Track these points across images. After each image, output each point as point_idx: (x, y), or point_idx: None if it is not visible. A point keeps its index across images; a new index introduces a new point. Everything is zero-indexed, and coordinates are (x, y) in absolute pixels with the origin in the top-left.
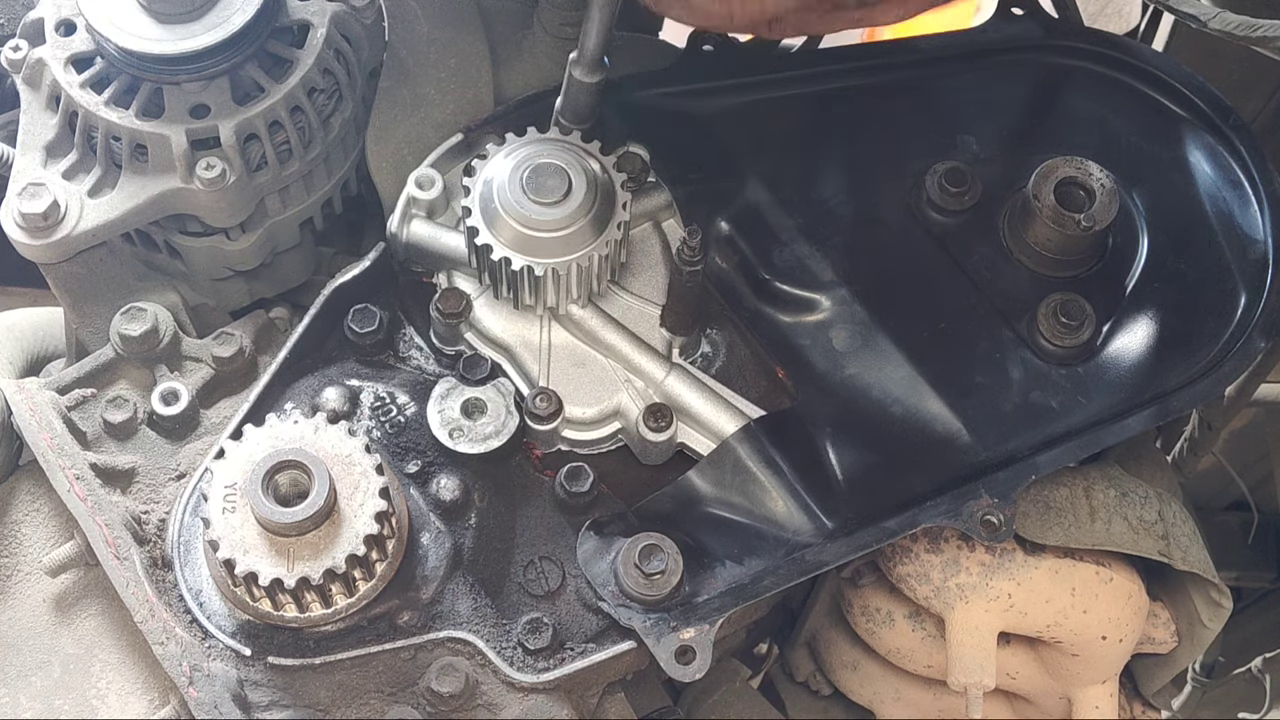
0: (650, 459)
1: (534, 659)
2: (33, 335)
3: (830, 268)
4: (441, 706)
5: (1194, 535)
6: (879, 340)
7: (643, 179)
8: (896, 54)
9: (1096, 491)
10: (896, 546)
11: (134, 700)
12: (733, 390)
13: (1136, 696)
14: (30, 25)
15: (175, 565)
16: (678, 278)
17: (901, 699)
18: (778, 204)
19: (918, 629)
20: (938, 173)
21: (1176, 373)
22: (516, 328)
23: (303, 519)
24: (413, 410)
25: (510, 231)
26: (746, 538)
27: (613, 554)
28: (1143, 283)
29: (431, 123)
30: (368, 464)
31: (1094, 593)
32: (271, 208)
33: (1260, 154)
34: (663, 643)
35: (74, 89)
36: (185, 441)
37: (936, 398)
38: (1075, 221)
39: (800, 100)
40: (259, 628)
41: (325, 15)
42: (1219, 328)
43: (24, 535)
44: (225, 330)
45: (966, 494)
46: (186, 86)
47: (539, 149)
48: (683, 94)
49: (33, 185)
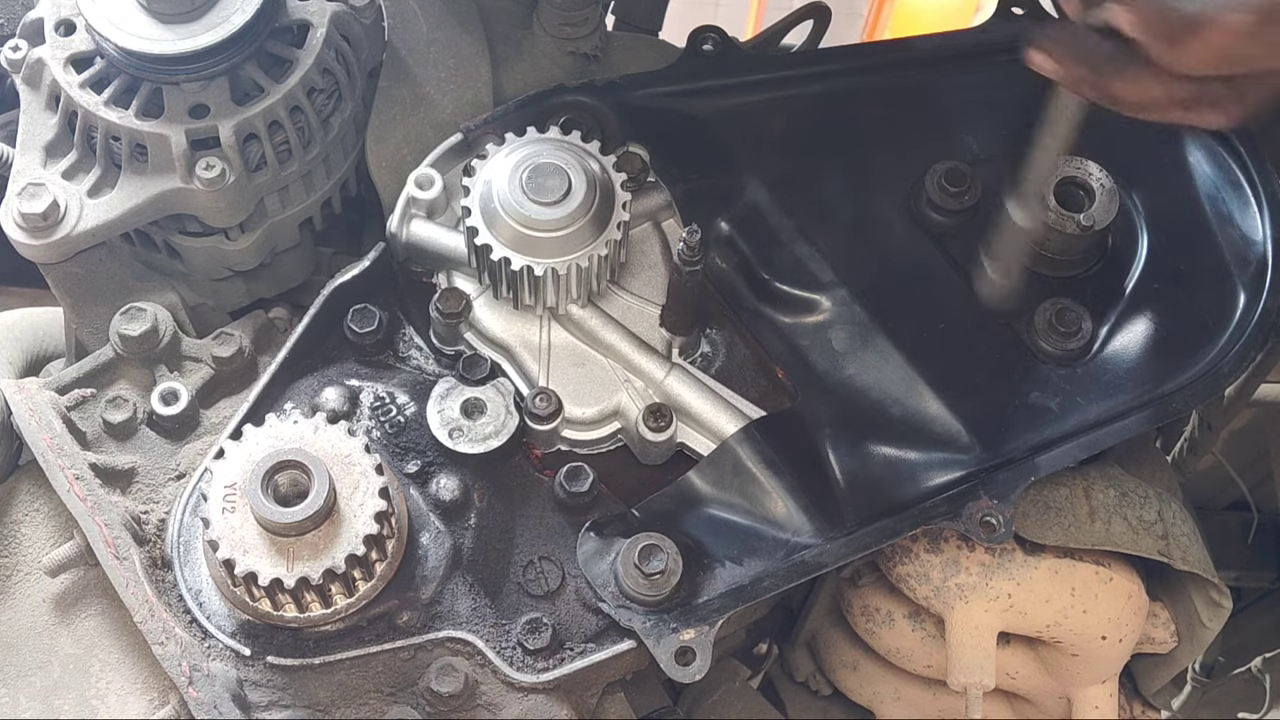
0: (650, 459)
1: (534, 659)
2: (32, 335)
3: (830, 268)
4: (441, 706)
5: (1194, 535)
6: (879, 340)
7: (642, 179)
8: (896, 54)
9: (1096, 491)
10: (896, 546)
11: (134, 700)
12: (733, 390)
13: (1136, 696)
14: (30, 25)
15: (175, 565)
16: (677, 278)
17: (901, 699)
18: (778, 204)
19: (918, 629)
20: (938, 173)
21: (1176, 373)
22: (516, 328)
23: (302, 519)
24: (412, 410)
25: (510, 231)
26: (746, 538)
27: (613, 554)
28: (1142, 283)
29: (431, 123)
30: (367, 464)
31: (1094, 593)
32: (271, 208)
33: (1260, 154)
34: (662, 643)
35: (74, 89)
36: (185, 441)
37: (936, 398)
38: (1075, 221)
39: (800, 100)
40: (258, 628)
41: (325, 15)
42: (1219, 328)
43: (24, 535)
44: (225, 330)
45: (966, 495)
46: (186, 86)
47: (539, 149)
48: (683, 94)
49: (32, 185)
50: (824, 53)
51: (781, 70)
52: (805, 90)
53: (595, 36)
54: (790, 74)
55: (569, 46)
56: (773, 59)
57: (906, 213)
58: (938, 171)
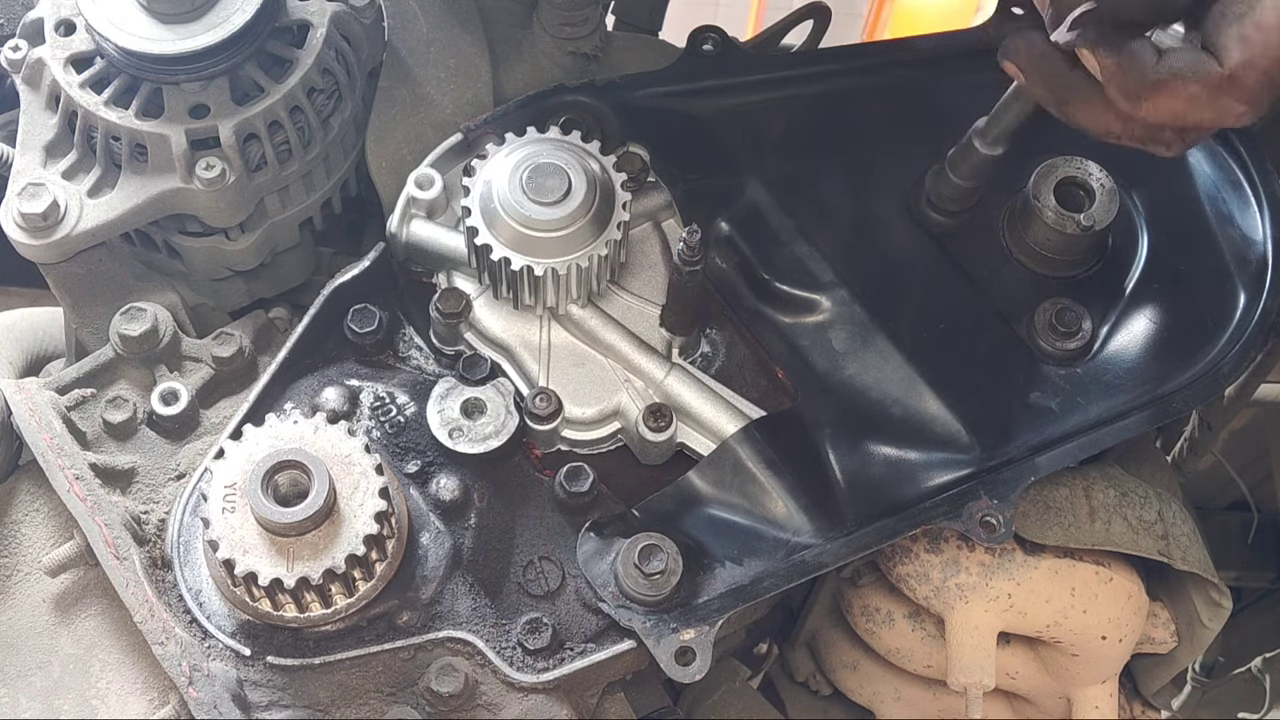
0: (650, 459)
1: (533, 659)
2: (32, 335)
3: (830, 268)
4: (441, 706)
5: (1194, 535)
6: (879, 341)
7: (642, 179)
8: (896, 54)
9: (1096, 491)
10: (896, 546)
11: (134, 700)
12: (733, 390)
13: (1136, 696)
14: (30, 25)
15: (175, 565)
16: (677, 278)
17: (901, 699)
18: (778, 204)
19: (918, 629)
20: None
21: (1176, 373)
22: (516, 328)
23: (302, 519)
24: (412, 410)
25: (510, 231)
26: (746, 538)
27: (613, 554)
28: (1142, 283)
29: (431, 123)
30: (367, 464)
31: (1094, 593)
32: (271, 208)
33: (1260, 154)
34: (663, 644)
35: (74, 89)
36: (185, 441)
37: (936, 398)
38: (1075, 221)
39: (800, 100)
40: (258, 628)
41: (325, 15)
42: (1219, 328)
43: (24, 535)
44: (225, 330)
45: (966, 495)
46: (186, 86)
47: (538, 149)
48: (683, 94)
49: (32, 185)
50: (824, 53)
51: (781, 70)
52: (805, 90)
53: (595, 36)
54: (790, 74)
55: (569, 46)
56: (773, 59)
57: (906, 213)
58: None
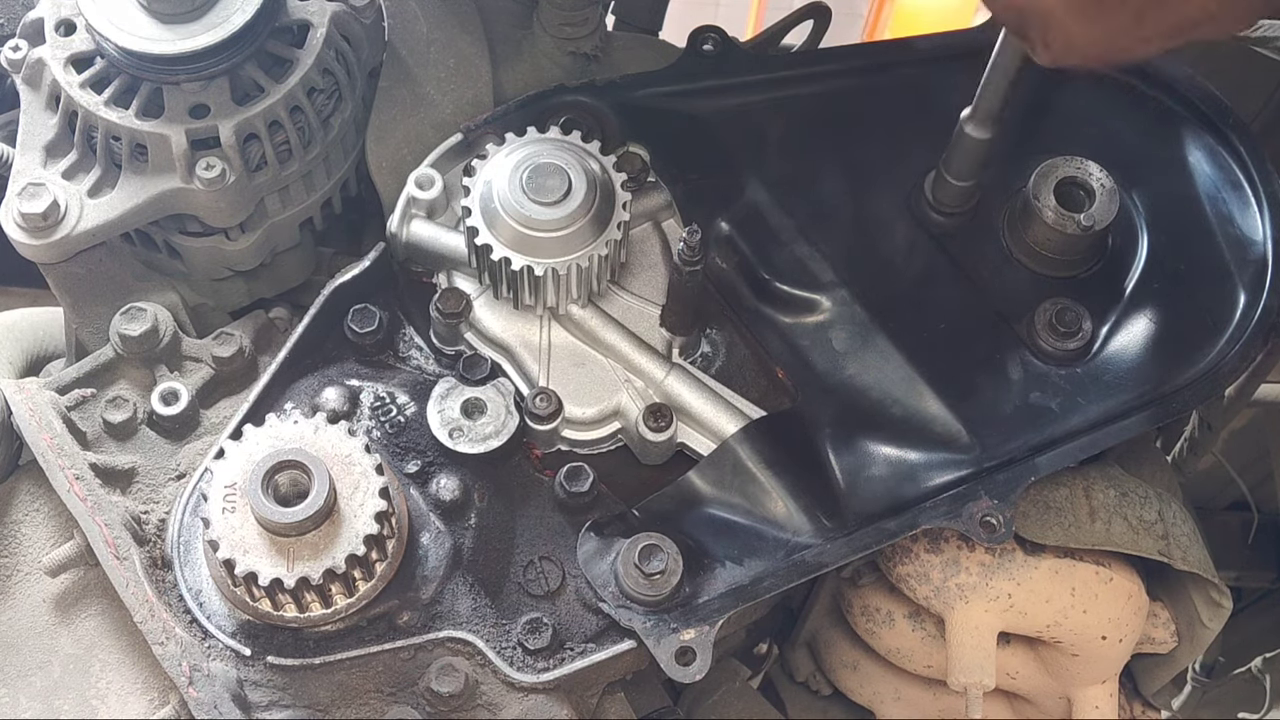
0: (650, 459)
1: (534, 659)
2: (33, 335)
3: (830, 268)
4: (441, 706)
5: (1194, 535)
6: (879, 341)
7: (643, 179)
8: (896, 54)
9: (1096, 491)
10: (896, 546)
11: (134, 700)
12: (733, 390)
13: (1136, 696)
14: (30, 25)
15: (175, 565)
16: (677, 278)
17: (901, 699)
18: (778, 204)
19: (918, 629)
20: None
21: (1176, 373)
22: (516, 328)
23: (303, 519)
24: (413, 410)
25: (510, 231)
26: (747, 538)
27: (613, 554)
28: (1142, 283)
29: (431, 123)
30: (368, 464)
31: (1094, 593)
32: (271, 208)
33: (1260, 154)
34: (663, 644)
35: (74, 89)
36: (185, 441)
37: (936, 398)
38: (1075, 221)
39: (800, 100)
40: (259, 628)
41: (325, 15)
42: (1219, 328)
43: (24, 535)
44: (225, 330)
45: (966, 495)
46: (186, 86)
47: (539, 149)
48: (683, 94)
49: (32, 185)
50: (824, 53)
51: (781, 70)
52: (805, 90)
53: (595, 36)
54: (790, 74)
55: (569, 46)
56: (773, 59)
57: (907, 212)
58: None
